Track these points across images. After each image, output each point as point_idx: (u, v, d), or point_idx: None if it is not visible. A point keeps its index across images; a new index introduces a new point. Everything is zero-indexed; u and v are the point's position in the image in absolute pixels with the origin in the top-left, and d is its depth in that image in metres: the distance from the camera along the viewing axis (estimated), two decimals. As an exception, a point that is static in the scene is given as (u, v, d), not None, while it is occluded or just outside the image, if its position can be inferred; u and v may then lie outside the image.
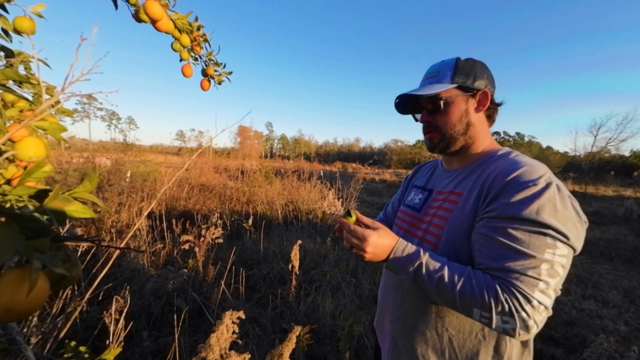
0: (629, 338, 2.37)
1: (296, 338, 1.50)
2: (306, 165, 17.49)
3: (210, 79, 1.14)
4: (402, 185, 1.01)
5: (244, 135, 41.66)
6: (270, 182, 6.55)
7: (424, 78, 0.76)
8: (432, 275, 0.59)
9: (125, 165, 5.40)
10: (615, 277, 3.83)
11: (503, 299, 0.52)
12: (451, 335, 0.66)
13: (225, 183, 6.61)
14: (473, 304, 0.54)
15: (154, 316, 1.85)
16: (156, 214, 3.50)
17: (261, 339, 1.74)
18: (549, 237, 0.53)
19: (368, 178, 19.59)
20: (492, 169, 0.65)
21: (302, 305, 2.08)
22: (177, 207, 4.65)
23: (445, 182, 0.78)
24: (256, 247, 3.13)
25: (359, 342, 1.79)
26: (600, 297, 3.13)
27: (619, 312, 2.81)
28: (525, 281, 0.52)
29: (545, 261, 0.52)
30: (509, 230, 0.55)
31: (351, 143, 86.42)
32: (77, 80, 0.38)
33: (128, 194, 3.96)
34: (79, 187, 0.33)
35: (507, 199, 0.57)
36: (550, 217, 0.53)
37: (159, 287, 1.94)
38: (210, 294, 2.09)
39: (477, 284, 0.55)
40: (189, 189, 5.30)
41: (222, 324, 0.79)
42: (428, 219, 0.74)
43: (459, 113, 0.72)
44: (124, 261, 2.29)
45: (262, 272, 2.67)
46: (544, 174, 0.58)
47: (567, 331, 2.40)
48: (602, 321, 2.60)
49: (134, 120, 76.12)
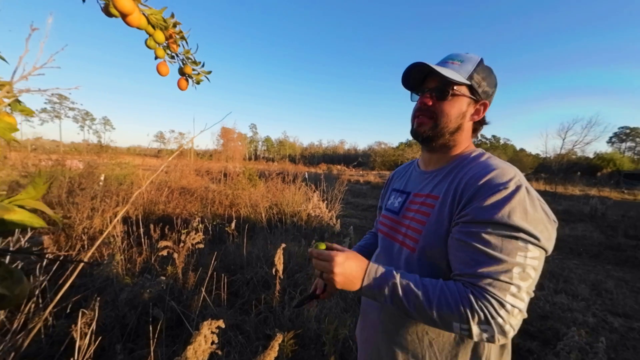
0: (597, 329, 2.52)
1: (280, 344, 1.47)
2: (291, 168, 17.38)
3: (188, 78, 1.10)
4: (382, 192, 1.00)
5: (227, 137, 40.80)
6: (254, 185, 6.44)
7: (445, 60, 0.72)
8: (409, 295, 0.58)
9: (98, 168, 5.12)
10: (583, 271, 4.07)
11: (478, 307, 0.52)
12: (431, 339, 0.66)
13: (207, 186, 6.42)
14: (452, 318, 0.54)
15: (129, 328, 1.74)
16: (133, 219, 3.34)
17: (244, 346, 1.69)
18: (521, 240, 0.53)
19: (353, 180, 19.77)
20: (464, 172, 0.65)
21: (287, 310, 2.05)
22: (155, 211, 4.46)
23: (422, 185, 0.77)
24: (239, 252, 3.06)
25: (344, 345, 1.78)
26: (570, 290, 3.32)
27: (587, 305, 2.98)
28: (497, 286, 0.52)
29: (517, 265, 0.53)
30: (482, 234, 0.55)
31: (336, 145, 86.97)
32: (29, 75, 0.34)
33: (102, 198, 3.74)
34: (21, 194, 0.29)
35: (480, 203, 0.57)
36: (522, 220, 0.53)
37: (134, 297, 1.84)
38: (191, 301, 2.00)
39: (452, 297, 0.54)
40: (169, 193, 5.10)
41: (200, 335, 0.75)
42: (407, 222, 0.73)
43: (459, 111, 0.70)
44: (96, 270, 2.16)
45: (246, 277, 2.61)
46: (514, 177, 0.58)
47: (541, 325, 2.52)
48: (573, 314, 2.75)
49: (109, 121, 72.68)
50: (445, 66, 0.69)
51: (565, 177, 22.84)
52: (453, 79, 0.66)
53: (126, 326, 1.76)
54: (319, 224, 4.58)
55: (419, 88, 0.75)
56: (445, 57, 0.72)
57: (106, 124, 72.81)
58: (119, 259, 2.37)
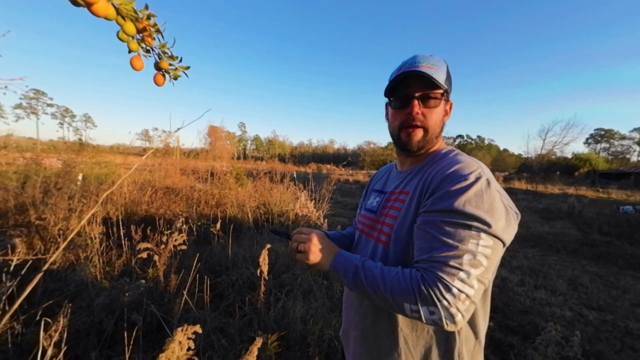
0: (573, 323, 2.62)
1: (264, 346, 1.44)
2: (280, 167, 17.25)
3: (164, 73, 1.06)
4: (363, 193, 1.02)
5: (214, 135, 40.05)
6: (242, 184, 6.35)
7: (417, 63, 0.68)
8: (368, 278, 0.62)
9: (77, 167, 4.90)
10: (561, 267, 4.24)
11: (424, 289, 0.54)
12: (405, 335, 0.68)
13: (193, 185, 6.27)
14: (402, 299, 0.56)
15: (105, 334, 1.67)
16: (113, 219, 3.21)
17: (227, 350, 1.65)
18: (474, 228, 0.55)
19: (342, 179, 19.86)
20: (433, 168, 0.68)
21: (272, 311, 2.02)
22: (138, 212, 4.31)
23: (396, 183, 0.79)
24: (225, 253, 3.00)
25: (329, 345, 1.77)
26: (549, 286, 3.44)
27: (565, 299, 3.10)
28: (446, 270, 0.54)
29: (468, 251, 0.54)
30: (438, 222, 0.58)
31: (325, 145, 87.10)
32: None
33: (79, 198, 3.58)
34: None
35: (440, 193, 0.60)
36: (476, 209, 0.55)
37: (112, 301, 1.76)
38: (172, 305, 1.94)
39: (404, 280, 0.57)
40: (152, 192, 4.95)
41: (174, 342, 0.72)
42: (382, 220, 0.76)
43: (442, 115, 0.73)
44: (70, 274, 2.06)
45: (231, 279, 2.56)
46: (475, 170, 0.61)
47: (522, 320, 2.60)
48: (551, 308, 2.85)
49: (90, 118, 69.95)
50: (422, 69, 0.67)
51: (545, 176, 23.78)
52: (445, 87, 0.68)
53: (103, 332, 1.69)
54: (306, 224, 4.56)
55: (398, 94, 0.73)
56: (415, 60, 0.69)
57: (87, 121, 70.03)
58: (96, 262, 2.27)
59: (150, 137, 59.57)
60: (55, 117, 64.60)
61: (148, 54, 1.00)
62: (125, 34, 0.81)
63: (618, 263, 4.53)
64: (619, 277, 3.92)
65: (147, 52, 1.00)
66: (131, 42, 0.90)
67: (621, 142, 63.25)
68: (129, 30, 0.80)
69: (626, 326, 2.59)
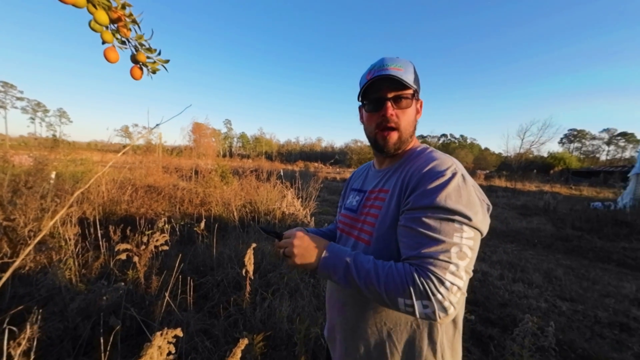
0: (548, 313, 2.76)
1: (250, 347, 1.42)
2: (267, 165, 17.07)
3: (142, 66, 1.01)
4: (342, 192, 1.02)
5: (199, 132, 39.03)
6: (227, 182, 6.23)
7: (385, 65, 0.70)
8: (360, 272, 0.61)
9: (50, 164, 4.63)
10: (537, 261, 4.44)
11: (419, 283, 0.54)
12: (389, 329, 0.69)
13: (176, 184, 6.09)
14: (396, 294, 0.57)
15: (81, 339, 1.59)
16: (90, 220, 3.06)
17: (212, 352, 1.61)
18: (456, 222, 0.57)
19: (329, 177, 19.92)
20: (411, 166, 0.69)
21: (258, 311, 1.99)
22: (117, 211, 4.14)
23: (375, 182, 0.80)
24: (209, 252, 2.93)
25: (316, 343, 1.77)
26: (526, 279, 3.60)
27: (541, 292, 3.26)
28: (438, 265, 0.55)
29: (454, 244, 0.56)
30: (422, 219, 0.59)
31: (313, 143, 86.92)
32: None
33: (53, 198, 3.39)
34: None
35: (420, 190, 0.62)
36: (457, 204, 0.58)
37: (88, 305, 1.68)
38: (154, 307, 1.88)
39: (398, 275, 0.57)
40: (133, 191, 4.76)
41: (152, 347, 0.69)
42: (362, 218, 0.76)
43: (414, 115, 0.75)
44: (42, 277, 1.94)
45: (216, 279, 2.51)
46: (451, 166, 0.63)
47: (501, 312, 2.70)
48: (528, 300, 2.99)
49: (65, 113, 66.42)
50: (392, 72, 0.68)
51: (523, 174, 24.88)
52: (414, 86, 0.70)
53: (78, 338, 1.61)
54: (293, 222, 4.54)
55: (371, 98, 0.74)
56: (384, 64, 0.70)
57: (62, 117, 66.36)
58: (71, 264, 2.16)
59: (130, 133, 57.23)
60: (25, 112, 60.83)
61: (124, 46, 0.95)
62: (98, 23, 0.77)
63: (588, 256, 4.81)
64: (589, 269, 4.15)
65: (123, 44, 0.95)
66: (105, 32, 0.85)
67: (592, 142, 67.06)
68: (101, 20, 0.76)
69: (595, 315, 2.75)
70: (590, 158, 62.53)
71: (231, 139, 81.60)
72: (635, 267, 4.31)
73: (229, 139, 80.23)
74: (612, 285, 3.52)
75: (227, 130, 79.78)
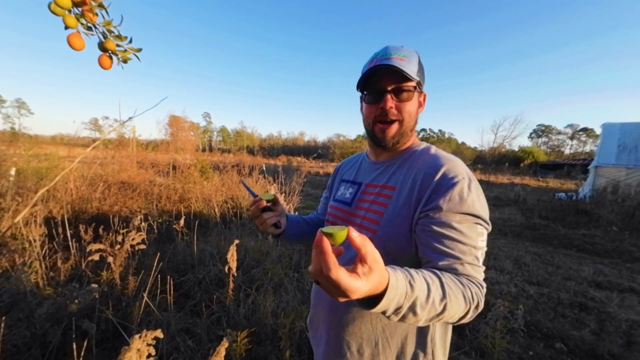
0: (517, 297, 2.96)
1: (233, 344, 1.41)
2: (249, 159, 16.75)
3: (111, 55, 0.94)
4: (329, 183, 0.99)
5: (176, 125, 37.39)
6: (207, 178, 6.05)
7: (388, 55, 0.66)
8: (424, 306, 0.48)
9: (8, 160, 4.27)
10: (508, 249, 4.73)
11: (473, 293, 0.54)
12: (384, 325, 0.68)
13: (152, 180, 5.83)
14: (458, 313, 0.52)
15: (51, 346, 1.50)
16: (58, 219, 2.87)
17: (194, 351, 1.58)
18: (480, 226, 0.60)
19: (313, 171, 19.91)
20: (419, 164, 0.68)
21: (242, 308, 1.98)
22: (88, 210, 3.90)
23: (374, 175, 0.77)
24: (190, 250, 2.85)
25: (300, 337, 1.79)
26: (498, 266, 3.83)
27: (511, 277, 3.48)
28: (476, 271, 0.58)
29: (480, 249, 0.59)
30: (454, 224, 0.58)
31: (296, 137, 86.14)
32: None
33: (13, 196, 3.14)
34: None
35: (445, 196, 0.60)
36: (480, 209, 0.60)
37: (57, 310, 1.58)
38: (131, 309, 1.80)
39: (455, 294, 0.51)
40: (105, 188, 4.50)
41: (130, 350, 0.66)
42: (362, 214, 0.73)
43: (416, 108, 0.72)
44: (4, 282, 1.80)
45: (197, 277, 2.45)
46: (463, 167, 0.65)
47: (475, 298, 2.87)
48: (500, 286, 3.19)
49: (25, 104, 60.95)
50: (394, 62, 0.65)
51: (496, 167, 26.23)
52: (416, 78, 0.66)
53: (48, 344, 1.52)
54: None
55: (370, 88, 0.71)
56: (387, 53, 0.67)
57: (20, 107, 60.92)
58: (37, 267, 2.02)
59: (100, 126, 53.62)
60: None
61: (90, 32, 0.88)
62: (59, 6, 0.71)
63: (553, 243, 5.19)
64: (553, 255, 4.49)
65: (89, 30, 0.88)
66: (67, 16, 0.79)
67: (557, 137, 71.79)
68: (62, 2, 0.70)
69: (558, 297, 2.99)
70: (556, 152, 66.98)
71: (211, 132, 78.99)
72: (593, 252, 4.71)
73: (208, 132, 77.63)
74: (573, 269, 3.84)
75: (206, 124, 77.06)
